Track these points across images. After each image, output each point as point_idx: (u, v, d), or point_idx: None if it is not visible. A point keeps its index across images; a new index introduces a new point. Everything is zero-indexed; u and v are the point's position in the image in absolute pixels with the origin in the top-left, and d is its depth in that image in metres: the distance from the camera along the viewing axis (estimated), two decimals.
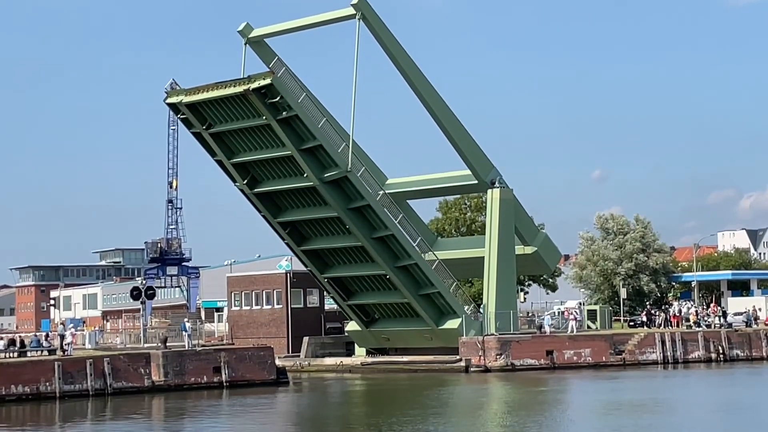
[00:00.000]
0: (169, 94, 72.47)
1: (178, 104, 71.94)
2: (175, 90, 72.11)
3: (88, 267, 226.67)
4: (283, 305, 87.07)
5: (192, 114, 71.80)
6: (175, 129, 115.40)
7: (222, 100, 70.15)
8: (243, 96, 68.74)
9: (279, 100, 68.63)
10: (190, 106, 71.42)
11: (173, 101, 72.18)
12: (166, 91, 72.72)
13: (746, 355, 79.94)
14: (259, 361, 66.30)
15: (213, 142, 72.57)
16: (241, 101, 69.48)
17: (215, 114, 71.47)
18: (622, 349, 76.75)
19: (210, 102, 70.69)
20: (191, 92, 71.16)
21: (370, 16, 71.80)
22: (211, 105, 70.93)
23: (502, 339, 73.63)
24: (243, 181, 73.81)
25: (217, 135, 72.37)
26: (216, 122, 71.93)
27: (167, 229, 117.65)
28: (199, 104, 71.25)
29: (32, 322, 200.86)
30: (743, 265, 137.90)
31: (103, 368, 60.67)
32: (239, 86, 68.79)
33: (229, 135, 72.35)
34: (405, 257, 73.55)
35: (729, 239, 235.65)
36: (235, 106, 70.18)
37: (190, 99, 71.14)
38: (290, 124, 69.82)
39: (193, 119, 72.12)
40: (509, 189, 77.98)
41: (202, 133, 72.45)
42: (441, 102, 75.57)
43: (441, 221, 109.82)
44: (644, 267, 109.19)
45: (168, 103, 73.12)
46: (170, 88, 72.50)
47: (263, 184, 74.12)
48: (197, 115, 71.87)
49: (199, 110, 71.70)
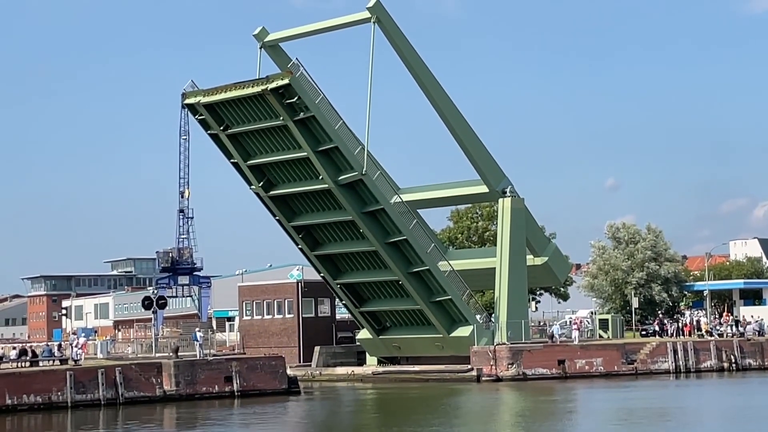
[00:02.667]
0: (188, 95, 72.88)
1: (196, 105, 72.36)
2: (194, 91, 72.51)
3: (99, 276, 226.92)
4: (295, 315, 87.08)
5: (210, 115, 72.23)
6: (186, 139, 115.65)
7: (240, 101, 70.56)
8: (261, 96, 69.20)
9: (296, 101, 69.01)
10: (208, 106, 71.86)
11: (191, 102, 72.60)
12: (185, 92, 73.07)
13: (759, 364, 79.68)
14: (270, 371, 66.29)
15: (230, 144, 72.92)
16: (258, 102, 69.92)
17: (233, 115, 71.86)
18: (634, 359, 76.56)
19: (228, 102, 71.13)
20: (209, 93, 71.62)
21: (385, 19, 71.97)
22: (229, 105, 71.38)
23: (514, 348, 73.52)
24: (259, 184, 74.06)
25: (233, 137, 72.74)
26: (233, 123, 72.29)
27: (179, 238, 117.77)
28: (217, 105, 71.68)
29: (44, 332, 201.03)
30: (755, 274, 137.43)
31: (114, 378, 60.72)
32: (257, 86, 69.25)
33: (246, 136, 72.71)
34: (418, 263, 73.59)
35: (741, 248, 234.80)
36: (252, 107, 70.62)
37: (208, 99, 71.57)
38: (307, 125, 70.18)
39: (210, 120, 72.50)
40: (520, 198, 77.97)
41: (219, 134, 72.82)
42: (454, 108, 75.66)
43: (453, 230, 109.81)
44: (656, 276, 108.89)
45: (186, 104, 73.58)
46: (189, 89, 72.77)
47: (279, 187, 74.38)
48: (215, 116, 72.29)
49: (217, 111, 72.13)
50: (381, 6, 71.71)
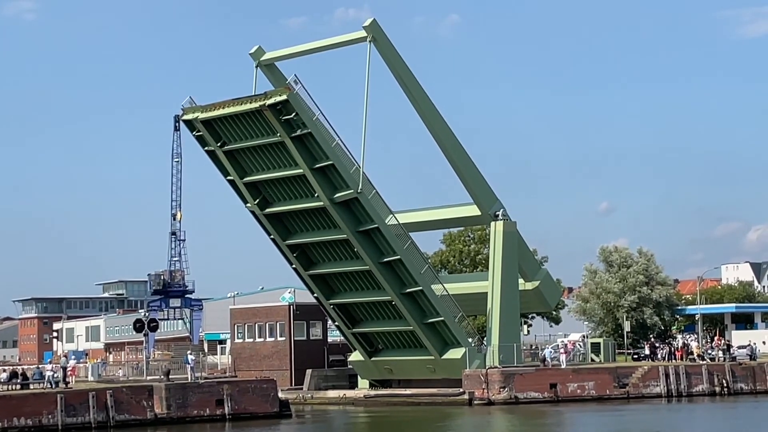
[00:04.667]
0: (185, 111, 73.21)
1: (193, 121, 72.65)
2: (192, 107, 72.77)
3: (90, 299, 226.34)
4: (286, 338, 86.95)
5: (207, 131, 72.54)
6: (178, 161, 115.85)
7: (237, 117, 70.94)
8: (258, 112, 69.64)
9: (294, 117, 69.38)
10: (206, 123, 72.19)
11: (189, 117, 72.93)
12: (183, 107, 73.32)
13: (750, 389, 79.66)
14: (261, 394, 66.16)
15: (227, 161, 73.22)
16: (256, 118, 70.30)
17: (230, 131, 72.16)
18: (626, 382, 76.54)
19: (226, 118, 71.49)
20: (207, 109, 71.98)
21: (381, 39, 72.28)
22: (227, 121, 71.72)
23: (506, 372, 73.47)
24: (254, 202, 74.23)
25: (230, 154, 73.07)
26: (230, 140, 72.57)
27: (170, 261, 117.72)
28: (215, 121, 72.02)
29: (35, 354, 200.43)
30: (747, 298, 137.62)
31: (105, 400, 60.55)
32: (255, 102, 69.71)
33: (243, 153, 73.02)
34: (411, 283, 73.63)
35: (733, 272, 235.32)
36: (250, 123, 70.97)
37: (206, 115, 71.90)
38: (303, 142, 70.52)
39: (208, 137, 72.78)
40: (512, 222, 78.08)
41: (217, 151, 73.09)
42: (448, 129, 75.92)
43: (445, 253, 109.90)
44: (647, 300, 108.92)
45: (184, 119, 73.83)
46: (187, 105, 72.97)
47: (274, 204, 74.55)
48: (212, 133, 72.59)
49: (215, 127, 72.45)
50: (377, 25, 72.02)
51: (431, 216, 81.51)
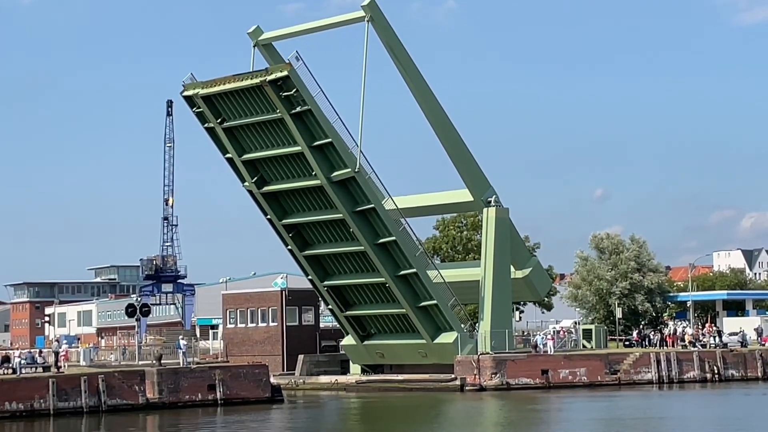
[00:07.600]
0: (186, 86, 73.11)
1: (194, 96, 72.59)
2: (193, 83, 72.68)
3: (83, 284, 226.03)
4: (279, 323, 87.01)
5: (207, 107, 72.52)
6: (171, 146, 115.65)
7: (238, 93, 70.91)
8: (259, 88, 69.67)
9: (294, 94, 69.39)
10: (206, 99, 72.17)
11: (189, 94, 72.85)
12: (184, 84, 73.24)
13: (741, 375, 79.83)
14: (254, 379, 66.17)
15: (225, 138, 73.22)
16: (256, 94, 70.34)
17: (230, 107, 72.16)
18: (618, 369, 76.71)
19: (226, 94, 71.46)
20: (208, 84, 71.97)
21: (379, 19, 72.23)
22: (227, 98, 71.72)
23: (498, 358, 73.60)
24: (252, 180, 74.19)
25: (230, 131, 73.05)
26: (230, 116, 72.56)
27: (163, 246, 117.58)
28: (215, 97, 71.99)
29: (27, 339, 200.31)
30: (738, 285, 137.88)
31: (97, 385, 60.55)
32: (256, 78, 69.75)
33: (242, 131, 73.00)
34: (406, 266, 73.67)
35: (725, 259, 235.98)
36: (250, 100, 70.98)
37: (206, 91, 71.88)
38: (303, 119, 70.56)
39: (208, 113, 72.78)
40: (505, 208, 78.13)
41: (216, 128, 73.10)
42: (442, 112, 75.94)
43: (438, 240, 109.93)
44: (639, 286, 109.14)
45: (184, 96, 73.66)
46: (188, 81, 72.84)
47: (272, 183, 74.56)
48: (212, 109, 72.58)
49: (215, 103, 72.42)
50: (375, 5, 71.94)
51: (424, 201, 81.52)
